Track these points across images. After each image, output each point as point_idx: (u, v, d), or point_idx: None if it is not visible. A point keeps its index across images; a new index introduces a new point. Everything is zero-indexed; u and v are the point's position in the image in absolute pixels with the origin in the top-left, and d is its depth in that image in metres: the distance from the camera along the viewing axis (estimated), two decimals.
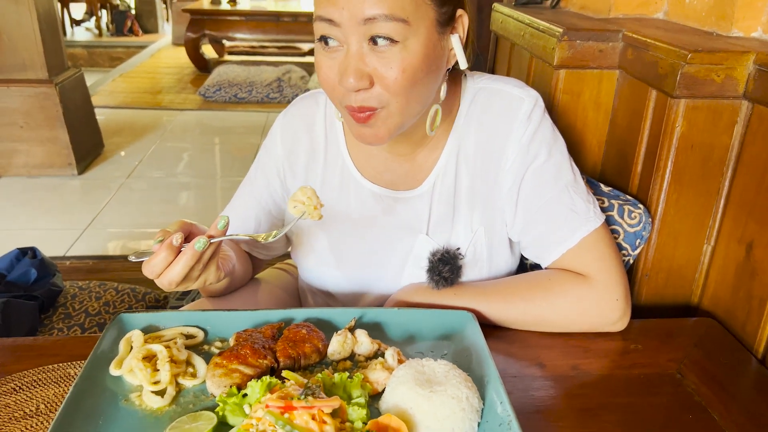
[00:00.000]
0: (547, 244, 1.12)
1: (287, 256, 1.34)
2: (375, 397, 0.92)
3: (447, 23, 0.99)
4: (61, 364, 1.02)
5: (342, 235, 1.20)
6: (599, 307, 1.10)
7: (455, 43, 1.01)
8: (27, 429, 0.89)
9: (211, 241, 0.93)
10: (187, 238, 0.94)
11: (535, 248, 1.15)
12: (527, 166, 1.10)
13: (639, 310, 1.32)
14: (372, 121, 0.98)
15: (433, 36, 0.96)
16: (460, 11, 1.01)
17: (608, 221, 1.25)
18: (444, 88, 1.05)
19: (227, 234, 0.96)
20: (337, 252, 1.20)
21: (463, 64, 1.03)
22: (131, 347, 0.99)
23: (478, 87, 1.13)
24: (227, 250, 1.10)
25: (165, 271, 0.92)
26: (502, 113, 1.11)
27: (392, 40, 0.92)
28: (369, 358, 1.01)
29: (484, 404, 0.88)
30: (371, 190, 1.16)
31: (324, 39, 0.96)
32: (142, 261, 0.94)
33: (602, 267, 1.09)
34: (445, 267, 1.12)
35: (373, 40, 0.92)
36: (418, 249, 1.16)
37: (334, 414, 0.81)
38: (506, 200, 1.13)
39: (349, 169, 1.17)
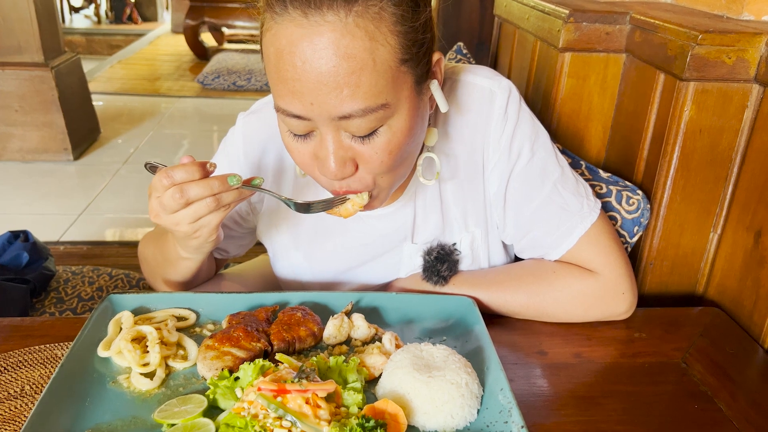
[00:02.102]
0: (544, 247, 1.08)
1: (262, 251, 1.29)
2: (372, 382, 0.89)
3: (424, 77, 0.88)
4: (48, 345, 0.99)
5: (322, 258, 1.13)
6: (605, 301, 1.07)
7: (435, 89, 0.91)
8: (10, 410, 0.86)
9: (242, 186, 0.88)
10: None
11: (531, 252, 1.11)
12: (511, 169, 1.04)
13: (643, 299, 1.29)
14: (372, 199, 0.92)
15: (415, 101, 0.86)
16: (435, 56, 0.91)
17: (606, 207, 1.22)
18: (434, 132, 0.98)
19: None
20: (320, 274, 1.15)
21: (444, 107, 0.93)
22: (120, 329, 0.96)
23: (449, 79, 1.04)
24: None
25: (185, 184, 0.85)
26: (477, 111, 1.03)
27: (374, 130, 0.84)
28: (366, 342, 0.98)
29: (484, 391, 0.86)
30: None
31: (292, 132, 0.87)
32: (158, 168, 0.89)
33: (606, 261, 1.06)
34: (443, 266, 1.08)
35: (350, 133, 0.83)
36: (408, 258, 1.11)
37: (329, 398, 0.78)
38: (494, 204, 1.09)
39: (325, 191, 1.07)
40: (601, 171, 1.31)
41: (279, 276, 1.21)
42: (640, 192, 1.26)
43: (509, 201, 1.07)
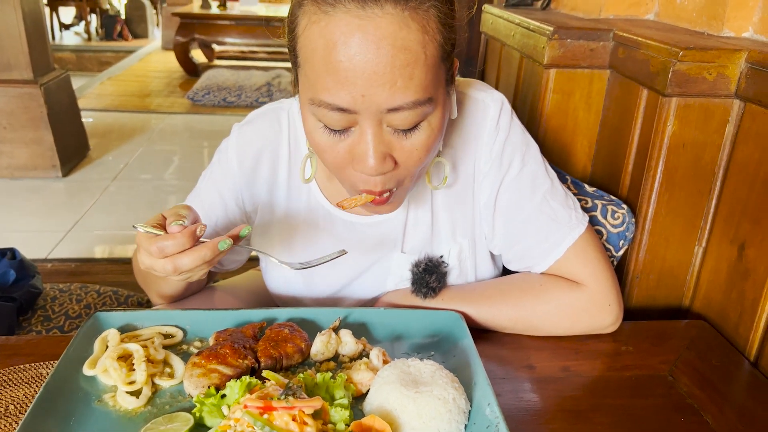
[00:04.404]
0: (532, 257, 1.09)
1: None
2: (359, 398, 0.89)
3: (451, 79, 0.91)
4: (33, 364, 0.98)
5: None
6: (592, 314, 1.08)
7: (452, 93, 0.94)
8: None
9: (234, 244, 0.88)
10: None
11: (520, 262, 1.12)
12: (501, 178, 1.06)
13: (630, 312, 1.29)
14: (388, 202, 0.92)
15: (446, 100, 0.89)
16: (456, 62, 0.92)
17: (592, 221, 1.22)
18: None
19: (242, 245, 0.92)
20: (309, 280, 1.15)
21: (454, 113, 0.96)
22: (107, 347, 0.95)
23: None
24: None
25: (175, 256, 0.85)
26: (470, 122, 1.05)
27: (416, 125, 0.85)
28: (353, 358, 0.98)
29: (471, 406, 0.86)
30: (341, 218, 1.10)
31: (329, 128, 0.85)
32: (147, 233, 0.87)
33: (592, 273, 1.07)
34: (432, 277, 1.08)
35: (395, 126, 0.84)
36: (396, 268, 1.12)
37: (316, 415, 0.78)
38: (483, 214, 1.10)
39: (317, 198, 1.10)
40: (586, 185, 1.32)
41: (269, 286, 1.21)
42: (625, 206, 1.27)
43: (499, 210, 1.08)
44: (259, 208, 1.13)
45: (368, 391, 0.88)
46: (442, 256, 1.10)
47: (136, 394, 0.87)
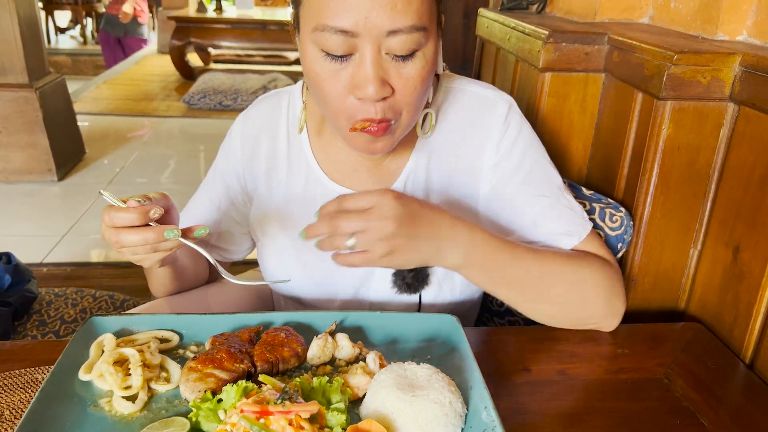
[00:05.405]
0: (555, 238, 1.08)
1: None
2: (356, 402, 0.89)
3: (440, 25, 0.97)
4: (28, 369, 0.98)
5: (309, 243, 1.15)
6: (619, 293, 1.08)
7: (440, 44, 0.98)
8: None
9: (180, 239, 0.90)
10: (160, 219, 0.91)
11: (541, 243, 1.10)
12: (513, 172, 1.07)
13: (626, 315, 1.28)
14: (386, 133, 0.94)
15: (437, 40, 0.94)
16: (442, 14, 0.98)
17: None
18: (430, 90, 1.03)
19: (200, 243, 0.95)
20: (303, 259, 1.16)
21: (440, 69, 1.00)
22: (102, 351, 0.95)
23: (449, 87, 1.11)
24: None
25: (122, 230, 0.88)
26: (476, 115, 1.08)
27: (413, 53, 0.89)
28: (350, 362, 0.98)
29: (468, 409, 0.86)
30: (339, 193, 1.11)
31: (331, 54, 0.89)
32: (111, 204, 0.90)
33: (610, 256, 1.10)
34: (409, 274, 1.09)
35: (393, 52, 0.88)
36: None
37: (313, 419, 0.78)
38: (489, 206, 1.10)
39: (316, 175, 1.12)
40: (584, 189, 1.33)
41: (264, 267, 1.22)
42: (622, 209, 1.28)
43: (511, 201, 1.09)
44: (259, 185, 1.17)
45: (365, 395, 0.88)
46: None
47: (132, 398, 0.87)
